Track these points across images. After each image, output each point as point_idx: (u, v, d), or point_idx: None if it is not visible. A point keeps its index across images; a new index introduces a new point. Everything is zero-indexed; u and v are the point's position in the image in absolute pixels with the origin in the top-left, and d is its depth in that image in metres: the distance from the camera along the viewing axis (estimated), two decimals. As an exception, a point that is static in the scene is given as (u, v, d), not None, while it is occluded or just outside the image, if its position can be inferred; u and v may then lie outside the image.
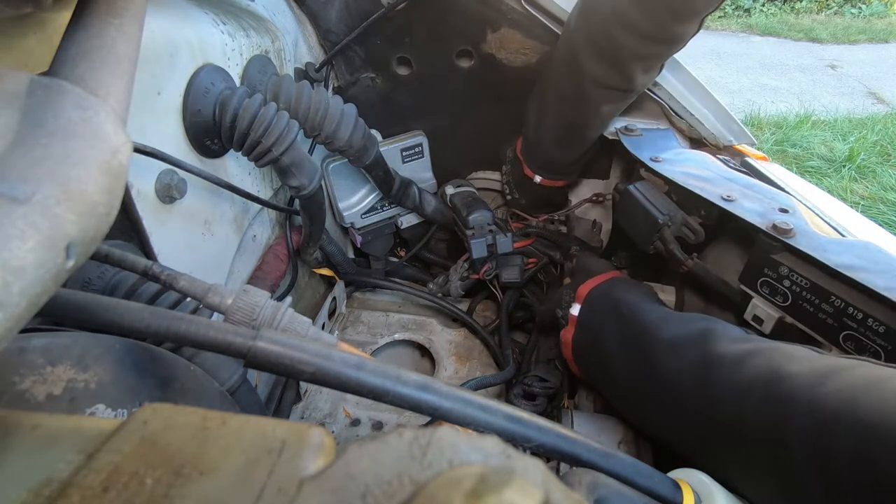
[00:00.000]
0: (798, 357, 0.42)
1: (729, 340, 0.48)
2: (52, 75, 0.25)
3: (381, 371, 0.28)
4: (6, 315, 0.18)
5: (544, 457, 0.50)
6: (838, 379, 0.38)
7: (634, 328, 0.56)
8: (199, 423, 0.20)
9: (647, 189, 0.70)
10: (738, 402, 0.42)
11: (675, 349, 0.50)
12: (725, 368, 0.45)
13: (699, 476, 0.40)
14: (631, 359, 0.55)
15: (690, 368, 0.48)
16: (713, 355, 0.47)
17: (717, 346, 0.47)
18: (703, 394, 0.46)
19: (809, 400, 0.38)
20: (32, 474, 0.19)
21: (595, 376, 0.63)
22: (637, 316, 0.57)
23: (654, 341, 0.53)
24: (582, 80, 0.67)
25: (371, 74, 0.85)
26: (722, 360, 0.46)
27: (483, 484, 0.15)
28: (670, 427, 0.51)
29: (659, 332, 0.53)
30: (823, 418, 0.36)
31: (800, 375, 0.40)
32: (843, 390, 0.37)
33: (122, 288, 0.44)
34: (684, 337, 0.51)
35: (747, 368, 0.43)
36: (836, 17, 5.03)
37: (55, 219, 0.20)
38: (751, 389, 0.42)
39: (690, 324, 0.52)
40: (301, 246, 0.79)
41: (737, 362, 0.44)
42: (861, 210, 2.10)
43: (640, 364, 0.53)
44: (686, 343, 0.50)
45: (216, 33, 0.56)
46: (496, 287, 0.91)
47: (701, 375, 0.46)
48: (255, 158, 0.57)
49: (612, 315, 0.61)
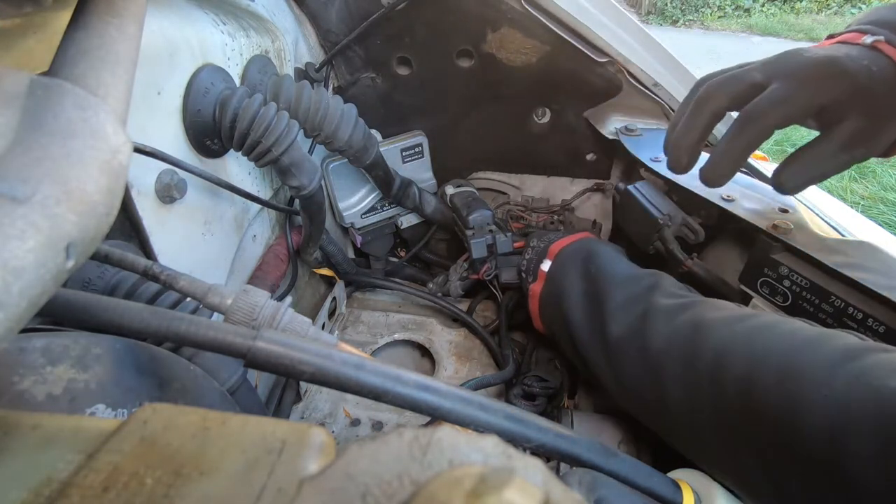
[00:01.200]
0: (719, 307, 0.47)
1: (666, 295, 0.52)
2: (52, 75, 0.25)
3: (380, 371, 0.28)
4: (6, 315, 0.18)
5: (544, 457, 0.50)
6: (744, 322, 0.43)
7: (597, 286, 0.59)
8: (199, 423, 0.20)
9: (647, 189, 0.70)
10: (666, 351, 0.47)
11: (625, 305, 0.54)
12: (659, 321, 0.49)
13: (699, 476, 0.40)
14: (589, 316, 0.59)
15: (632, 319, 0.52)
16: (650, 307, 0.51)
17: (655, 299, 0.51)
18: (639, 345, 0.50)
19: (717, 339, 0.43)
20: (32, 474, 0.19)
21: (556, 332, 0.67)
22: (601, 274, 0.60)
23: (610, 298, 0.56)
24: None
25: (371, 74, 0.85)
26: (657, 312, 0.50)
27: (483, 484, 0.15)
28: (610, 375, 0.55)
29: (615, 290, 0.57)
30: (724, 353, 0.41)
31: (714, 321, 0.44)
32: (743, 331, 0.42)
33: (122, 288, 0.44)
34: (633, 295, 0.54)
35: (677, 320, 0.47)
36: (836, 17, 5.04)
37: (55, 219, 0.20)
38: (675, 337, 0.46)
39: (641, 281, 0.56)
40: (301, 246, 0.79)
41: (669, 314, 0.49)
42: (861, 210, 2.10)
43: (594, 318, 0.57)
44: (633, 299, 0.54)
45: (216, 33, 0.56)
46: (496, 287, 0.91)
47: (639, 327, 0.50)
48: (255, 158, 0.57)
49: (580, 272, 0.64)
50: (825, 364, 0.35)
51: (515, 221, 0.97)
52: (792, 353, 0.38)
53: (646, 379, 0.49)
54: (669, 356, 0.46)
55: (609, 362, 0.55)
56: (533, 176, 0.96)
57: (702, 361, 0.43)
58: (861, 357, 0.35)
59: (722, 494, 0.39)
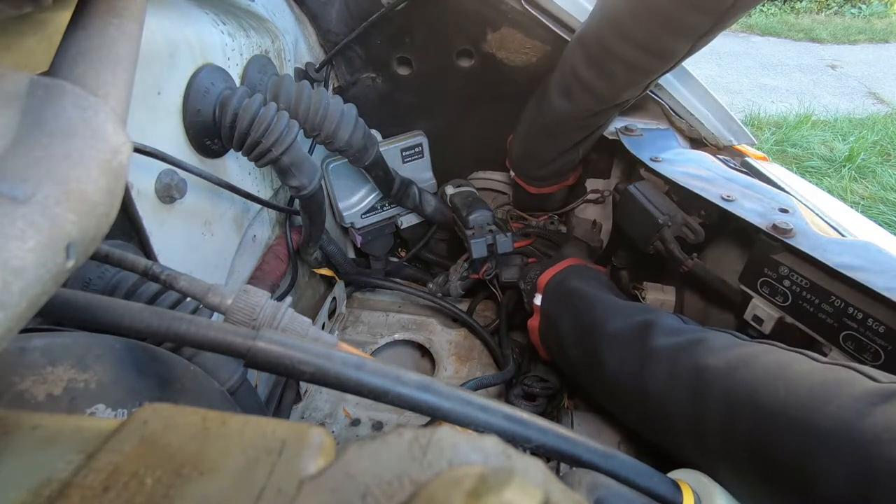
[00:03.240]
0: (717, 348, 0.46)
1: (663, 334, 0.51)
2: (52, 75, 0.25)
3: (381, 371, 0.28)
4: (6, 315, 0.18)
5: (544, 457, 0.50)
6: (746, 369, 0.41)
7: (585, 318, 0.60)
8: (199, 423, 0.20)
9: (648, 189, 0.70)
10: (667, 395, 0.46)
11: (618, 341, 0.54)
12: (659, 364, 0.48)
13: (699, 476, 0.40)
14: (582, 348, 0.59)
15: (630, 362, 0.51)
16: (648, 349, 0.50)
17: (653, 340, 0.51)
18: (639, 386, 0.49)
19: (723, 391, 0.41)
20: (32, 474, 0.19)
21: (557, 359, 0.68)
22: (588, 306, 0.61)
23: (601, 333, 0.56)
24: (571, 83, 0.67)
25: (371, 74, 0.85)
26: (656, 354, 0.49)
27: (483, 484, 0.15)
28: (619, 412, 0.55)
29: (605, 324, 0.57)
30: (731, 406, 0.40)
31: (716, 367, 0.43)
32: (748, 380, 0.40)
33: (122, 288, 0.44)
34: (626, 330, 0.54)
35: (678, 365, 0.46)
36: (836, 17, 5.03)
37: (55, 219, 0.20)
38: (679, 382, 0.46)
39: (633, 316, 0.56)
40: (301, 246, 0.79)
41: (669, 357, 0.48)
42: (861, 210, 2.10)
43: (590, 353, 0.57)
44: (627, 336, 0.54)
45: (216, 33, 0.56)
46: (496, 287, 0.91)
47: (638, 369, 0.50)
48: (255, 158, 0.57)
49: (567, 304, 0.65)
50: (841, 419, 0.34)
51: (515, 221, 0.97)
52: (802, 407, 0.36)
53: (651, 423, 0.49)
54: (673, 402, 0.46)
55: (609, 399, 0.56)
56: None
57: (709, 413, 0.42)
58: (877, 407, 0.34)
59: (721, 494, 0.39)
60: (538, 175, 0.83)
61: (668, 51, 0.57)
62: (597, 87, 0.64)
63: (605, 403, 0.58)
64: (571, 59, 0.66)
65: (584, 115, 0.70)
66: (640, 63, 0.59)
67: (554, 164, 0.80)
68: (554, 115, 0.71)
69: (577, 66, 0.65)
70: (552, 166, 0.80)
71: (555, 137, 0.75)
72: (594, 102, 0.67)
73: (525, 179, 0.85)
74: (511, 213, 0.98)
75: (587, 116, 0.70)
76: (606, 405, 0.57)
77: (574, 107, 0.69)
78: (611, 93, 0.65)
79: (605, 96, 0.65)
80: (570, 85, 0.67)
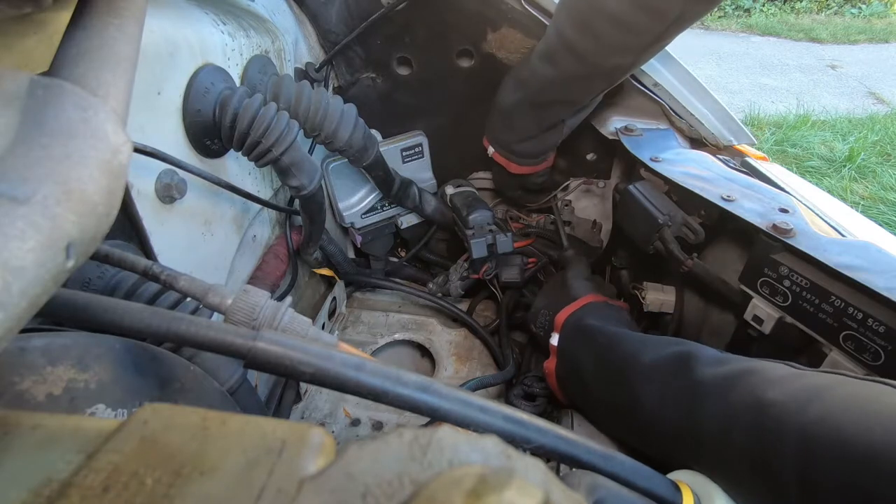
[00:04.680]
0: (777, 380, 0.41)
1: (706, 364, 0.47)
2: (52, 75, 0.25)
3: (380, 372, 0.28)
4: (6, 315, 0.18)
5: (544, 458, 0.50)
6: (819, 403, 0.38)
7: (611, 355, 0.57)
8: (199, 423, 0.20)
9: (648, 189, 0.70)
10: (725, 430, 0.42)
11: (654, 376, 0.50)
12: (709, 397, 0.44)
13: (699, 477, 0.40)
14: (610, 387, 0.55)
15: (673, 395, 0.48)
16: (693, 381, 0.46)
17: (697, 372, 0.47)
18: (688, 422, 0.45)
19: (797, 429, 0.37)
20: (32, 474, 0.19)
21: (579, 403, 0.63)
22: (613, 344, 0.57)
23: (632, 369, 0.53)
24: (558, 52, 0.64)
25: (371, 74, 0.85)
26: (704, 387, 0.45)
27: (483, 484, 0.15)
28: (657, 451, 0.50)
29: (636, 359, 0.53)
30: (811, 448, 0.36)
31: (783, 403, 0.39)
32: (827, 418, 0.36)
33: (122, 288, 0.44)
34: (662, 363, 0.51)
35: (732, 396, 0.43)
36: (836, 17, 5.04)
37: (55, 219, 0.20)
38: (736, 417, 0.41)
39: (665, 348, 0.52)
40: (301, 246, 0.79)
41: (720, 389, 0.44)
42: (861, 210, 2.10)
43: (619, 392, 0.53)
44: (664, 369, 0.50)
45: (216, 33, 0.56)
46: (496, 287, 0.91)
47: (685, 403, 0.46)
48: (255, 158, 0.57)
49: (588, 343, 0.61)
50: None
51: (515, 221, 0.97)
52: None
53: (705, 461, 0.44)
54: (733, 441, 0.41)
55: (645, 438, 0.51)
56: None
57: (783, 453, 0.37)
58: None
59: (721, 495, 0.39)
60: (519, 150, 0.79)
61: (657, 6, 0.55)
62: (581, 47, 0.61)
63: (638, 443, 0.53)
64: (556, 23, 0.64)
65: (568, 80, 0.67)
66: (627, 18, 0.56)
67: (535, 140, 0.77)
68: (537, 82, 0.69)
69: (562, 27, 0.62)
70: (534, 142, 0.77)
71: (539, 109, 0.72)
72: (579, 65, 0.64)
73: (505, 155, 0.81)
74: (511, 213, 0.98)
75: (572, 82, 0.67)
76: (641, 445, 0.52)
77: (559, 72, 0.66)
78: (597, 56, 0.62)
79: (591, 59, 0.62)
80: (554, 50, 0.64)
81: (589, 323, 0.64)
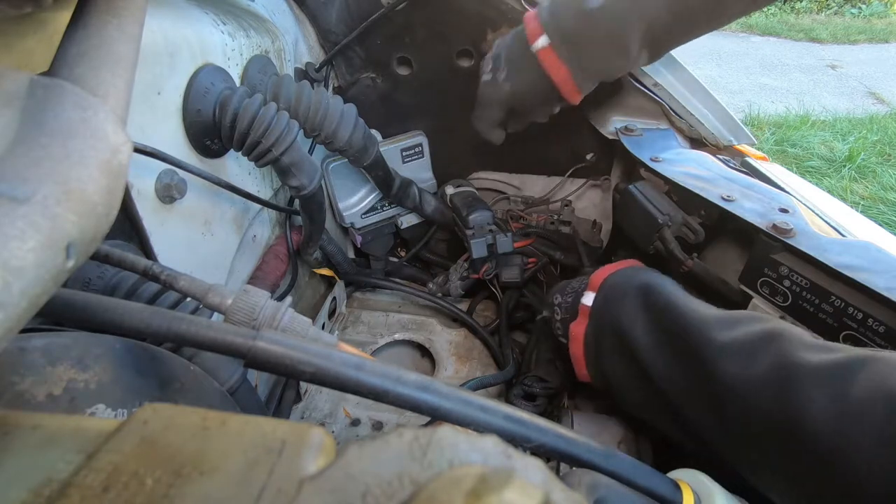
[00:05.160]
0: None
1: (805, 348, 0.41)
2: (52, 75, 0.25)
3: (380, 371, 0.28)
4: (6, 315, 0.18)
5: (544, 457, 0.50)
6: None
7: (674, 323, 0.49)
8: (199, 423, 0.20)
9: (647, 189, 0.70)
10: (845, 432, 0.36)
11: (737, 353, 0.44)
12: (817, 388, 0.38)
13: (699, 476, 0.40)
14: (674, 357, 0.49)
15: (764, 376, 0.42)
16: (792, 364, 0.40)
17: (795, 355, 0.41)
18: (785, 407, 0.39)
19: None
20: (32, 474, 0.19)
21: (616, 373, 0.55)
22: (675, 309, 0.50)
23: (706, 342, 0.46)
24: None
25: (371, 74, 0.85)
26: (805, 374, 0.39)
27: (483, 484, 0.15)
28: (724, 433, 0.45)
29: (710, 332, 0.46)
30: None
31: None
32: None
33: (122, 288, 0.44)
34: (746, 340, 0.44)
35: (849, 393, 0.37)
36: (836, 17, 5.04)
37: (55, 219, 0.20)
38: (861, 416, 0.35)
39: (747, 325, 0.46)
40: (301, 246, 0.79)
41: (830, 381, 0.38)
42: (861, 210, 2.10)
43: (688, 366, 0.47)
44: (750, 347, 0.44)
45: (216, 33, 0.56)
46: (496, 287, 0.91)
47: (781, 386, 0.40)
48: (255, 158, 0.57)
49: (639, 304, 0.53)
50: None
51: (515, 221, 0.97)
52: None
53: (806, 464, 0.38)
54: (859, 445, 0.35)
55: (722, 421, 0.44)
56: (533, 176, 0.96)
57: None
58: None
59: (721, 494, 0.39)
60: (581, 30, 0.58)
61: None
62: None
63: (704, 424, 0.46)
64: None
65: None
66: None
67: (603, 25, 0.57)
68: None
69: None
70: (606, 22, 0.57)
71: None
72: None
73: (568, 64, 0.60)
74: (511, 213, 0.98)
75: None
76: (707, 428, 0.46)
77: None
78: None
79: None
80: None
81: (640, 281, 0.55)
